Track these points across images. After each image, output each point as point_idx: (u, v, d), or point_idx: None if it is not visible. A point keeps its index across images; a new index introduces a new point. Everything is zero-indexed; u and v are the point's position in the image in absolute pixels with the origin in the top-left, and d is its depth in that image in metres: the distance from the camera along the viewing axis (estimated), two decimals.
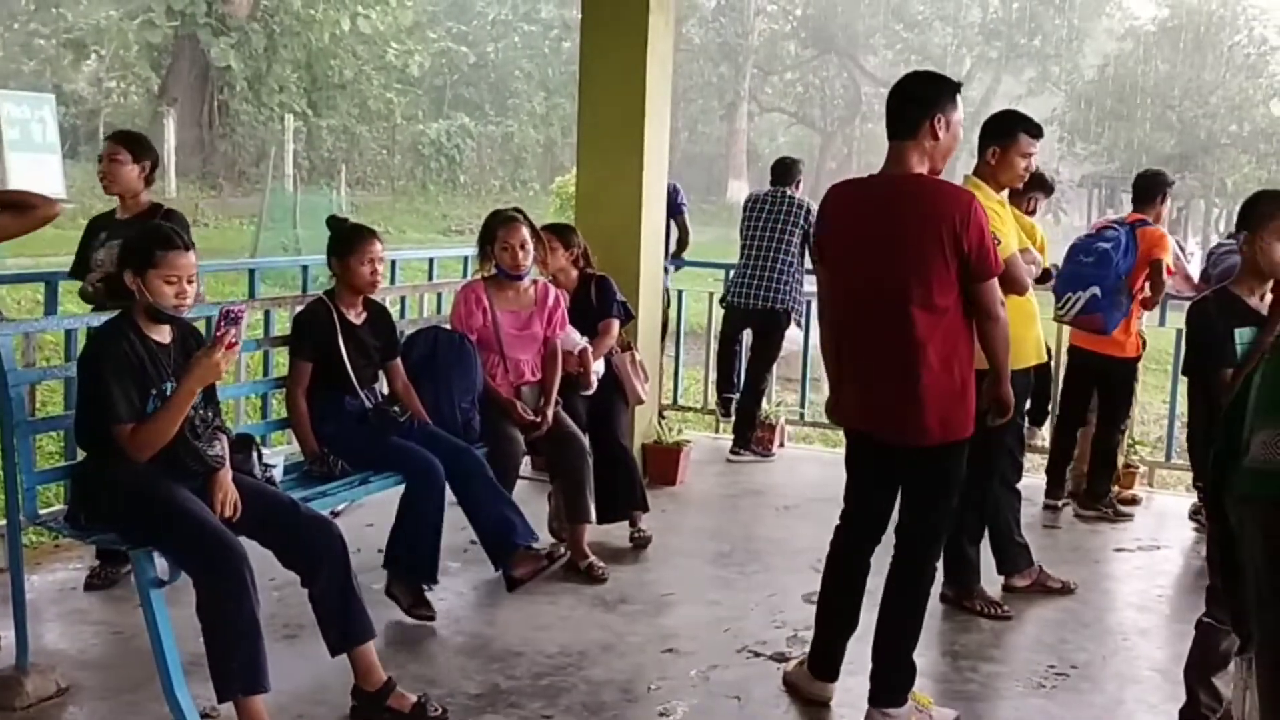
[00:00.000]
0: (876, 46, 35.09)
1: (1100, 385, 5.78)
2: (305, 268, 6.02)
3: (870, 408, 3.45)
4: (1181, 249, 6.78)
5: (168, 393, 3.24)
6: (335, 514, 4.88)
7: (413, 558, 4.16)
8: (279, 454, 4.20)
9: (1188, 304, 4.20)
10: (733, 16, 33.86)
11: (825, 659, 3.69)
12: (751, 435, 6.90)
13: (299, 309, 4.39)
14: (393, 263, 6.64)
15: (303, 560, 3.40)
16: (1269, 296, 3.70)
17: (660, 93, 6.03)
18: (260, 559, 3.33)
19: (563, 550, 4.73)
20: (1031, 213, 5.65)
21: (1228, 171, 29.46)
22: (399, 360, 4.48)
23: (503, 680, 3.75)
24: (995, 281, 3.31)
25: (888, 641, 3.48)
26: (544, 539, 4.72)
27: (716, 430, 7.54)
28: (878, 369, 3.39)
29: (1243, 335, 3.53)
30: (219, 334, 3.22)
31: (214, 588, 3.13)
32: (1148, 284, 5.45)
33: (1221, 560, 2.08)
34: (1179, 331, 5.96)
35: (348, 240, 4.25)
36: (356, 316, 4.31)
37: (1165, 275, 5.43)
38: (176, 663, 3.24)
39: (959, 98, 3.43)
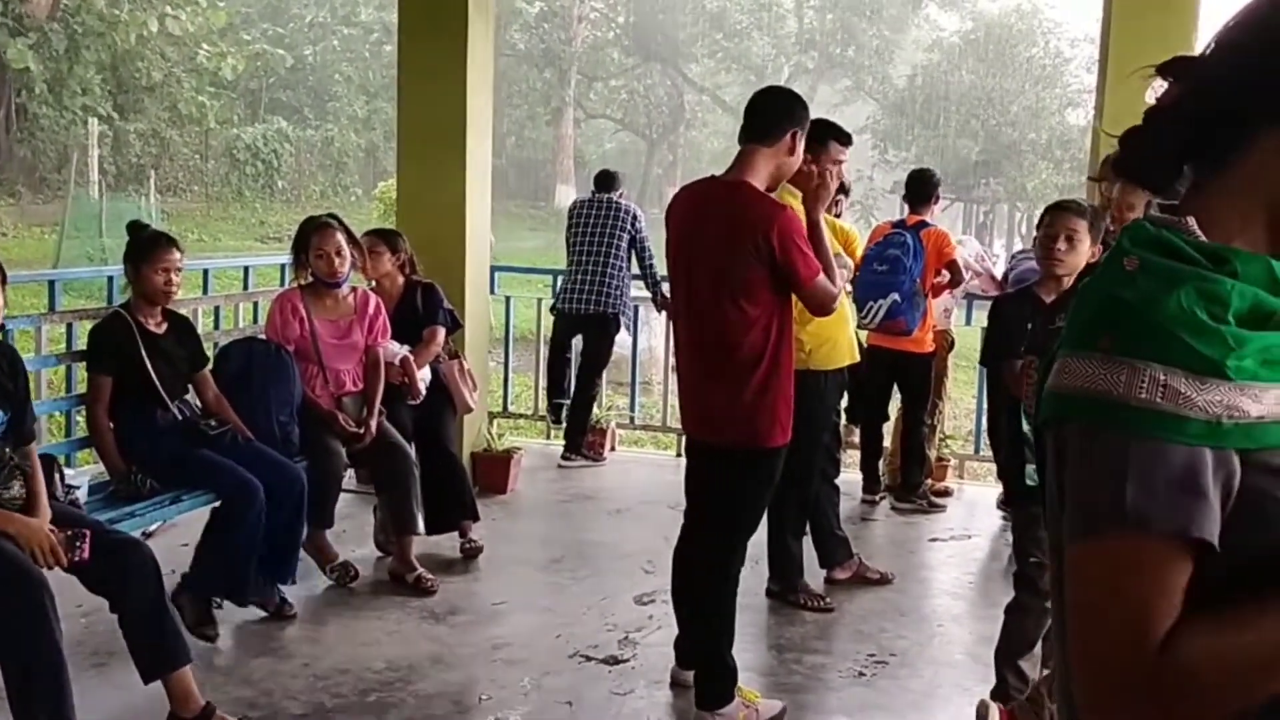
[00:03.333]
0: (698, 55, 35.62)
1: (900, 381, 6.05)
2: (111, 279, 5.73)
3: (693, 409, 3.53)
4: (986, 251, 7.14)
5: None
6: (148, 535, 4.67)
7: (209, 573, 4.00)
8: (83, 474, 4.01)
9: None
10: (556, 23, 33.88)
11: (683, 652, 3.77)
12: (582, 440, 6.91)
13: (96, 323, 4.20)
14: (205, 272, 6.41)
15: (110, 584, 3.24)
16: None
17: (481, 98, 6.00)
18: (65, 583, 3.16)
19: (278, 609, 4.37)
20: (839, 215, 5.88)
21: (1028, 177, 31.06)
22: (208, 371, 4.33)
23: (328, 699, 3.66)
24: (816, 283, 3.38)
25: (704, 642, 3.54)
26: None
27: (548, 437, 7.53)
28: (698, 371, 3.48)
29: None
30: (67, 552, 3.13)
31: (9, 619, 2.94)
32: (946, 275, 5.84)
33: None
34: (984, 329, 6.27)
35: (142, 248, 4.09)
36: (157, 326, 4.14)
37: (964, 271, 5.86)
38: None
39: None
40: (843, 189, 6.06)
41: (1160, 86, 1.16)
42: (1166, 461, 0.97)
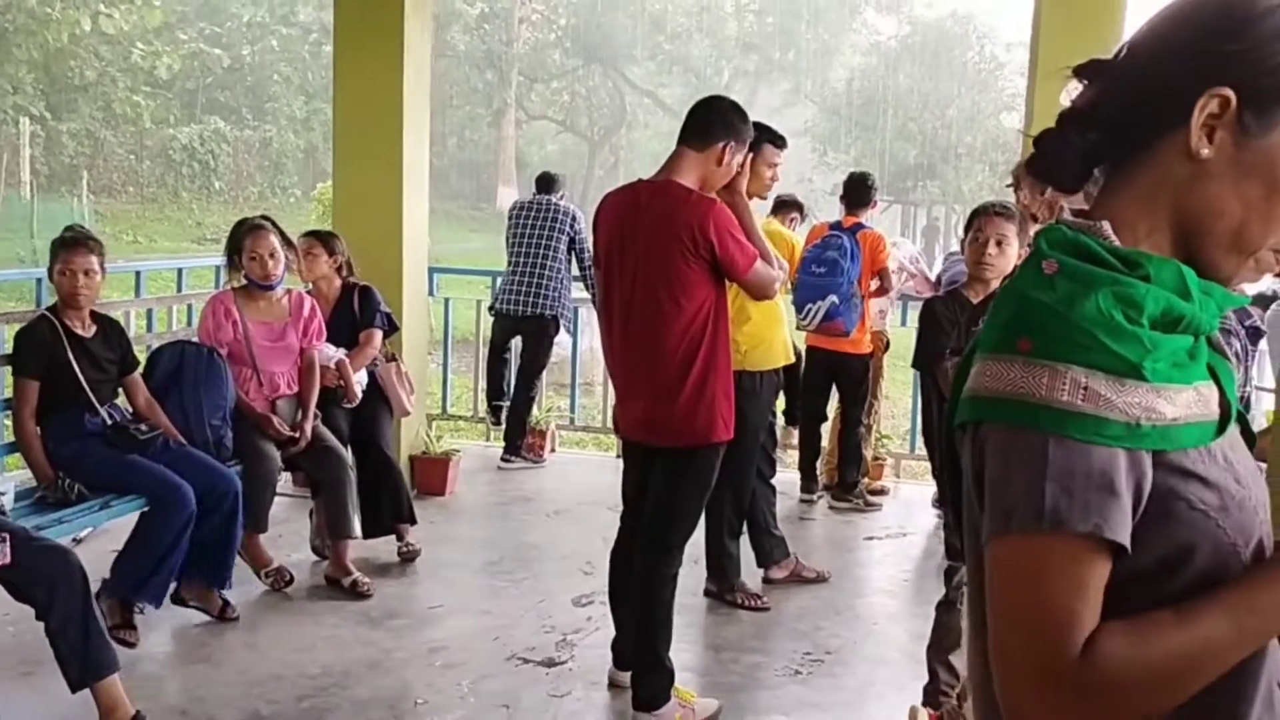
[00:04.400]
0: (639, 57, 35.68)
1: (837, 382, 6.12)
2: (40, 280, 5.63)
3: (630, 410, 3.54)
4: (920, 254, 7.25)
5: None
6: (77, 541, 4.61)
7: (132, 575, 3.93)
8: (9, 480, 3.94)
9: None
10: (497, 24, 33.77)
11: (620, 653, 3.78)
12: (522, 442, 6.90)
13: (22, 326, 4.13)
14: (138, 274, 6.33)
15: (36, 592, 3.19)
16: None
17: (418, 99, 5.97)
18: None
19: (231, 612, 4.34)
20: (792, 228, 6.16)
21: (964, 179, 31.51)
22: (138, 374, 4.27)
23: (263, 706, 3.62)
24: (754, 271, 3.43)
25: (641, 643, 3.56)
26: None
27: (487, 438, 7.50)
28: (635, 371, 3.49)
29: None
30: None
31: None
32: (878, 281, 5.93)
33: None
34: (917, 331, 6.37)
35: (52, 250, 4.03)
36: (85, 329, 4.08)
37: (894, 275, 5.97)
38: None
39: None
40: (799, 207, 6.54)
41: (1076, 89, 1.18)
42: (1085, 462, 0.99)
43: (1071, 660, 0.97)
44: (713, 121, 3.50)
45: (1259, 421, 3.76)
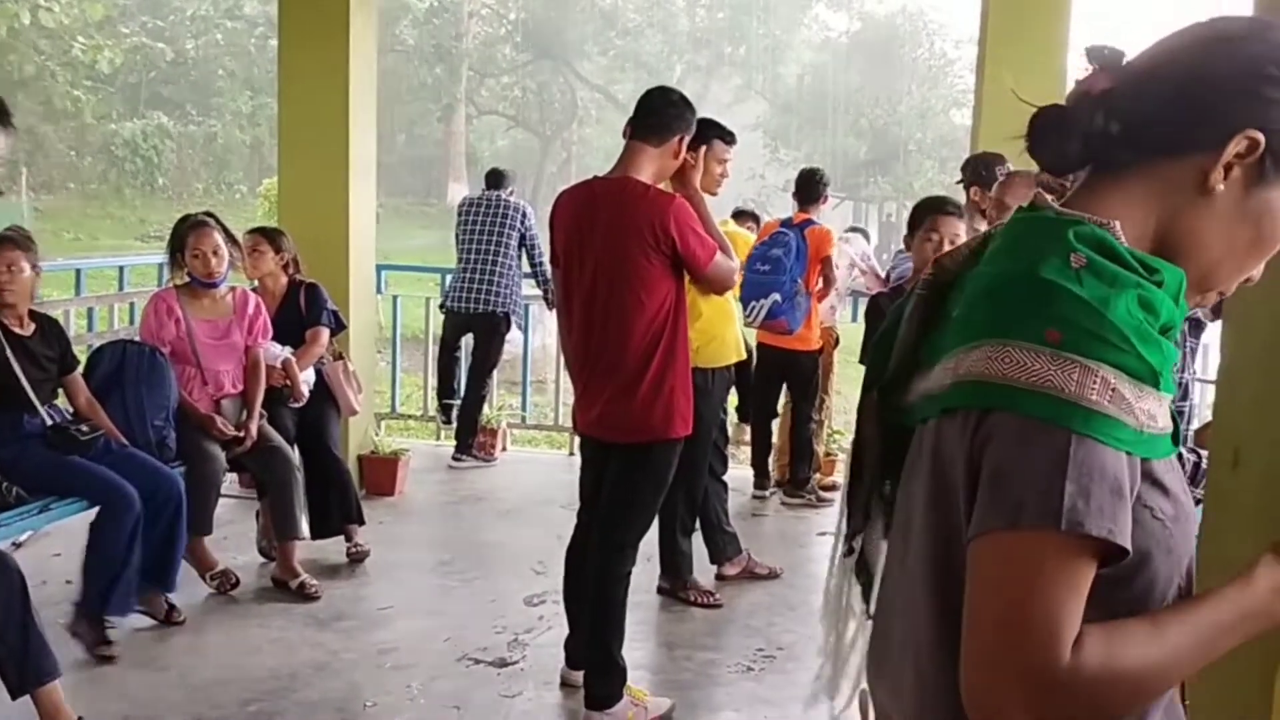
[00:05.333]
0: (590, 53, 35.56)
1: (788, 378, 6.13)
2: None
3: (589, 407, 3.52)
4: (870, 250, 7.28)
5: None
6: (18, 545, 4.51)
7: (97, 590, 3.87)
8: None
9: None
10: (446, 19, 33.50)
11: (573, 652, 3.76)
12: (473, 441, 6.85)
13: None
14: (78, 272, 6.20)
15: None
16: None
17: (365, 94, 5.89)
18: None
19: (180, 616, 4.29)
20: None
21: (915, 176, 31.74)
22: (78, 374, 4.18)
23: (208, 710, 3.56)
24: (714, 264, 3.43)
25: (594, 642, 3.54)
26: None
27: (438, 438, 7.44)
28: (596, 368, 3.47)
29: None
30: None
31: None
32: (821, 279, 5.90)
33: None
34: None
35: None
36: (24, 328, 3.99)
37: (835, 270, 5.92)
38: None
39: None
40: (755, 218, 6.87)
41: (1086, 70, 1.14)
42: (1102, 464, 0.97)
43: (1062, 663, 0.96)
44: (668, 115, 3.49)
45: (1202, 412, 3.80)
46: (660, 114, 3.49)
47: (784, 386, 6.25)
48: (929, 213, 3.68)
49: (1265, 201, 1.08)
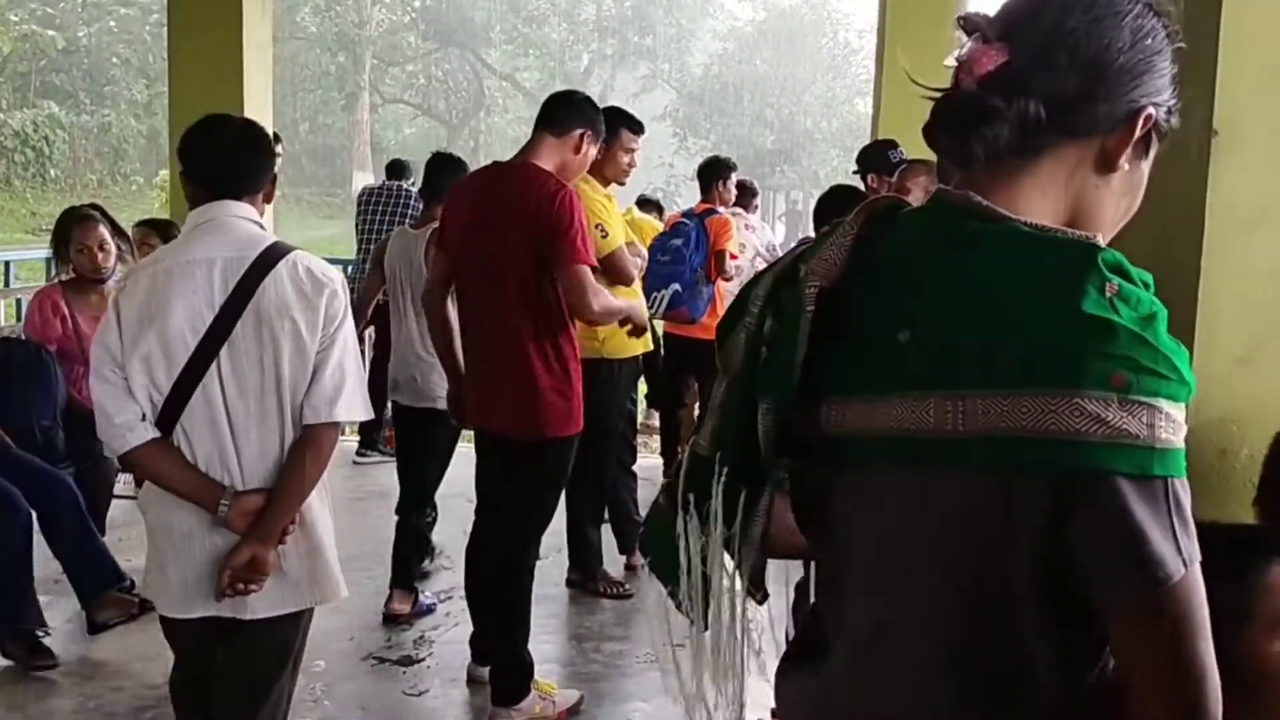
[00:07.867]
0: (496, 40, 35.26)
1: (694, 368, 6.14)
2: None
3: (480, 399, 3.46)
4: (773, 240, 7.34)
5: None
6: None
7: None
8: None
9: None
10: (349, 5, 32.92)
11: (479, 648, 3.71)
12: (378, 435, 6.75)
13: None
14: None
15: None
16: None
17: (260, 82, 5.77)
18: None
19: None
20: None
21: (820, 164, 32.12)
22: None
23: (100, 718, 3.45)
24: (581, 270, 3.26)
25: (499, 638, 3.50)
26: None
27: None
28: (489, 360, 3.40)
29: None
30: None
31: None
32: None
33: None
34: None
35: None
36: None
37: (731, 260, 5.89)
38: None
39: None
40: (659, 209, 6.79)
41: (967, 45, 1.07)
42: (1183, 496, 0.98)
43: (1217, 688, 0.99)
44: (570, 109, 3.47)
45: None
46: (560, 107, 3.47)
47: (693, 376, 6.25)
48: (839, 202, 3.70)
49: (1143, 173, 1.10)
